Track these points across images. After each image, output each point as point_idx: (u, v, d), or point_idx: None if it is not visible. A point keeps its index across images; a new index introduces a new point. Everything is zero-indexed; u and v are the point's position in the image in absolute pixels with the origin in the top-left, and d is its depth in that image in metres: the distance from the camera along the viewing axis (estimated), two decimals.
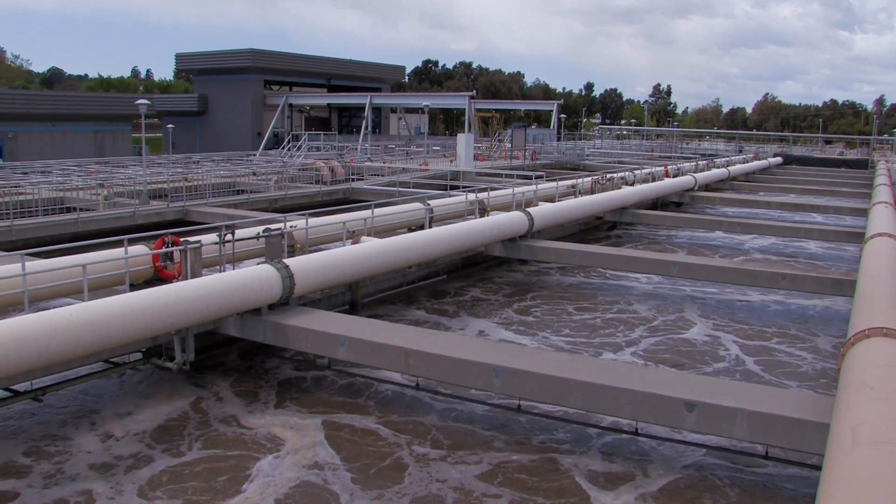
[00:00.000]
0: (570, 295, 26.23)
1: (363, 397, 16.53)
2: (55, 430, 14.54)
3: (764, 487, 13.04)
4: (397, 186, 42.43)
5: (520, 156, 68.95)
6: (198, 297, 15.41)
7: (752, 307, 25.47)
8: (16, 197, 30.32)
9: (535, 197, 33.33)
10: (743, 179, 65.13)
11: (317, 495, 12.37)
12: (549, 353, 17.62)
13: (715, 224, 38.85)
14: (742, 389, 13.59)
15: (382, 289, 24.02)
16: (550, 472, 13.33)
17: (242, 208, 36.24)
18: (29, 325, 12.88)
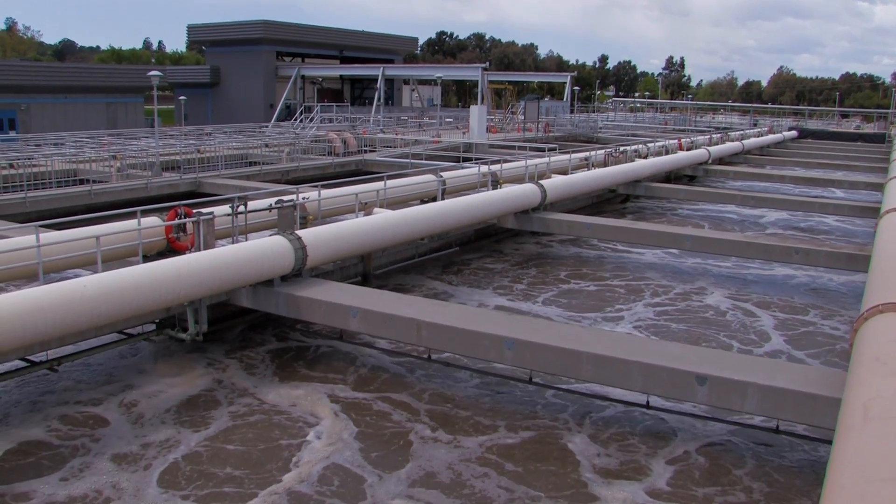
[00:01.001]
0: (582, 268, 26.19)
1: (375, 369, 16.60)
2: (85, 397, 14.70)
3: (774, 461, 13.05)
4: (410, 158, 42.31)
5: (533, 128, 68.66)
6: (210, 269, 15.46)
7: (765, 281, 25.38)
8: (29, 169, 30.39)
9: (547, 169, 33.18)
10: (757, 153, 64.67)
11: (331, 465, 12.47)
12: (561, 325, 17.63)
13: (728, 198, 38.62)
14: (753, 364, 13.57)
15: (395, 260, 24.06)
16: (560, 444, 13.38)
17: (255, 180, 36.26)
18: (44, 296, 12.97)
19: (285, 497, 11.51)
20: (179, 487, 11.70)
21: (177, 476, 12.03)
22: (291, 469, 12.33)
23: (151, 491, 11.56)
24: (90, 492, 11.50)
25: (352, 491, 11.70)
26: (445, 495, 11.63)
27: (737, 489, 12.14)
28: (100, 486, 11.63)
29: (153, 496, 11.43)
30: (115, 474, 12.00)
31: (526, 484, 12.03)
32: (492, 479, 12.13)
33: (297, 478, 12.06)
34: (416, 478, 12.12)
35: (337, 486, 11.82)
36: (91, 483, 11.73)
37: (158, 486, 11.70)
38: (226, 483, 11.86)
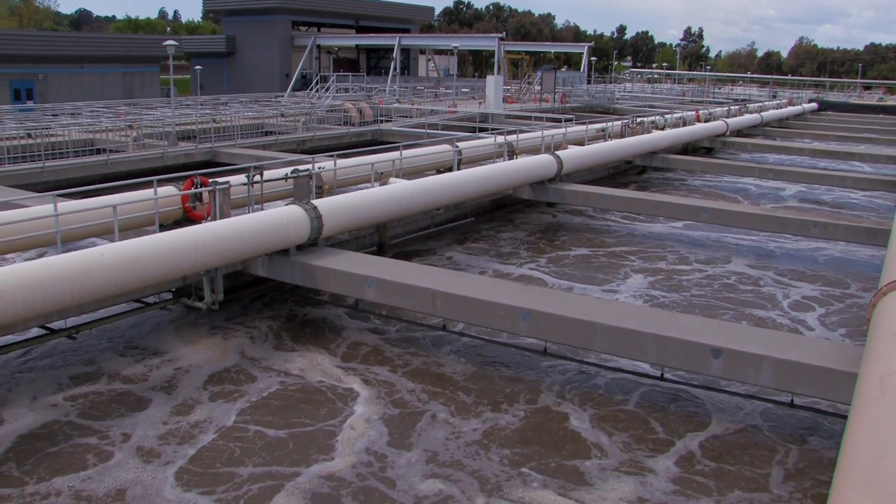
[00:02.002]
0: (597, 239, 26.13)
1: (390, 338, 16.66)
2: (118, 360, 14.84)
3: (788, 435, 13.04)
4: (426, 128, 42.19)
5: (549, 98, 68.25)
6: (226, 238, 15.51)
7: (782, 254, 25.25)
8: (47, 139, 30.47)
9: (564, 140, 32.98)
10: (776, 125, 64.05)
11: (344, 436, 12.56)
12: (577, 296, 17.61)
13: (746, 170, 38.32)
14: (769, 337, 13.52)
15: (410, 230, 24.07)
16: (575, 415, 13.42)
17: (271, 149, 36.24)
18: (62, 264, 13.07)
19: (315, 465, 11.63)
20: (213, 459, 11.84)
21: (210, 449, 12.18)
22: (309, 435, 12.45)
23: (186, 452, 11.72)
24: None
25: (374, 461, 11.78)
26: (464, 466, 11.70)
27: (750, 462, 12.15)
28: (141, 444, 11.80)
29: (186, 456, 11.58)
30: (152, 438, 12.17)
31: (537, 455, 12.10)
32: (501, 451, 12.19)
33: (323, 447, 12.17)
34: (433, 449, 12.20)
35: (358, 454, 11.92)
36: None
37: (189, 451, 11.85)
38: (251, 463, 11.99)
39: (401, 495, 10.86)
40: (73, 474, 11.18)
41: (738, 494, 11.22)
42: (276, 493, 10.81)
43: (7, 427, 12.43)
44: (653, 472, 11.70)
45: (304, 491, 10.91)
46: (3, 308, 12.13)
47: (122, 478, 11.09)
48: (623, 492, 11.12)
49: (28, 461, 11.45)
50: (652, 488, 11.27)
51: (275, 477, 11.23)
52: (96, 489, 10.80)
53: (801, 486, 11.54)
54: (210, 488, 10.91)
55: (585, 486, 11.25)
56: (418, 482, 11.18)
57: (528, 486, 11.15)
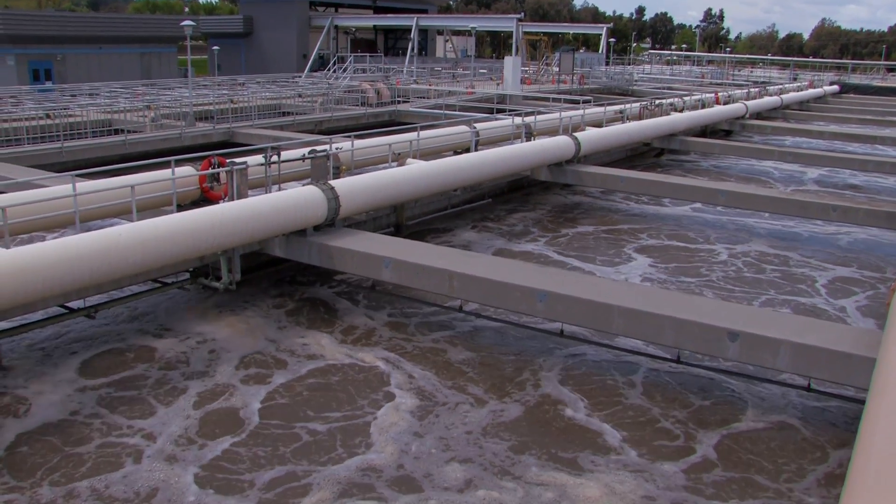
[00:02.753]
0: (615, 221, 26.04)
1: (407, 319, 16.68)
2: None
3: (804, 419, 12.99)
4: (443, 109, 42.07)
5: (567, 80, 67.86)
6: (244, 218, 15.55)
7: (801, 238, 25.09)
8: (65, 119, 30.60)
9: (582, 122, 32.81)
10: (796, 108, 63.47)
11: (357, 415, 12.63)
12: (594, 278, 17.57)
13: (765, 153, 38.01)
14: (786, 321, 13.45)
15: (427, 211, 24.06)
16: (590, 397, 13.42)
17: (288, 130, 36.27)
18: (81, 244, 13.14)
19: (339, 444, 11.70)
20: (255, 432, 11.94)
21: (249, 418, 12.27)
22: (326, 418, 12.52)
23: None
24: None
25: (393, 437, 11.84)
26: (482, 448, 11.74)
27: (766, 446, 12.12)
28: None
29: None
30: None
31: (548, 437, 12.13)
32: (511, 435, 12.22)
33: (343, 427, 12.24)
34: (452, 431, 12.25)
35: (377, 430, 11.98)
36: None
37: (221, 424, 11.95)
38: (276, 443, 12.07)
39: (428, 476, 10.92)
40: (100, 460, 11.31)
41: (754, 477, 11.20)
42: (302, 478, 10.90)
43: (38, 404, 12.57)
44: (666, 457, 11.70)
45: (336, 475, 10.98)
46: (23, 287, 12.24)
47: (147, 477, 11.22)
48: (636, 475, 11.13)
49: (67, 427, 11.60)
50: (663, 471, 11.27)
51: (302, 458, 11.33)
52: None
53: (818, 468, 11.50)
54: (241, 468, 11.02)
55: (602, 467, 11.27)
56: (442, 465, 11.23)
57: (540, 468, 11.18)
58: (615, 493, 10.60)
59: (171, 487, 10.46)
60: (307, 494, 10.42)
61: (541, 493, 10.56)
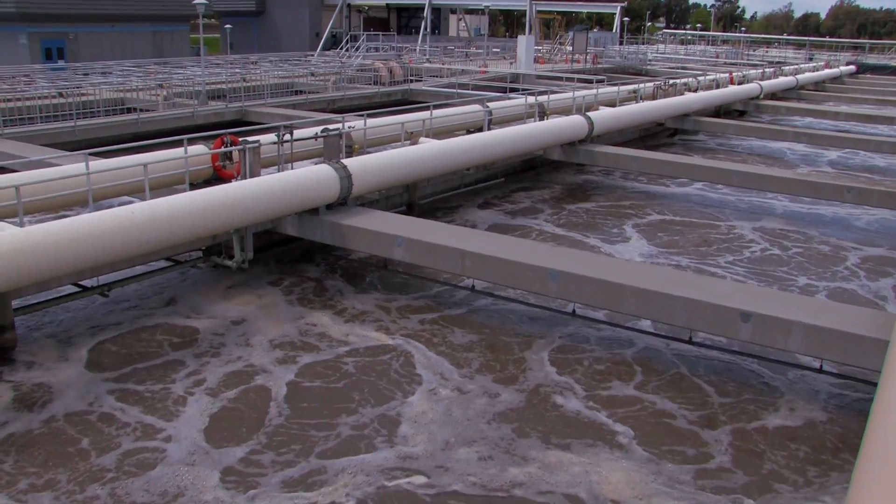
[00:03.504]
0: (627, 201, 25.94)
1: (419, 298, 16.69)
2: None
3: (816, 401, 12.97)
4: (456, 88, 41.95)
5: (581, 59, 67.55)
6: (256, 197, 15.58)
7: (815, 219, 24.94)
8: (78, 98, 30.65)
9: (595, 101, 32.69)
10: (812, 88, 62.91)
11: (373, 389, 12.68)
12: (606, 258, 17.52)
13: (780, 134, 37.70)
14: (799, 302, 13.41)
15: (440, 190, 24.05)
16: (603, 377, 13.43)
17: (300, 109, 36.18)
18: (94, 223, 13.21)
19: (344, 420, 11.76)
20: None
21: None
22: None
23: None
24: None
25: (410, 417, 11.90)
26: (496, 428, 11.78)
27: (776, 427, 12.11)
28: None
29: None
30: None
31: (563, 414, 12.16)
32: (522, 415, 12.26)
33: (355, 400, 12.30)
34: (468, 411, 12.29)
35: (384, 408, 12.04)
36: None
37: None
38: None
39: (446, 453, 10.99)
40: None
41: (765, 456, 11.20)
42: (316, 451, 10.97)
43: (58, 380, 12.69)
44: (679, 437, 11.71)
45: (360, 458, 11.05)
46: (37, 265, 12.31)
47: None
48: (648, 457, 11.16)
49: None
50: (674, 453, 11.28)
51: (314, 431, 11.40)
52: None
53: (828, 450, 11.48)
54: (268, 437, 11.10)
55: (618, 446, 11.30)
56: (457, 444, 11.28)
57: (552, 446, 11.23)
58: (630, 476, 10.64)
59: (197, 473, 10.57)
60: (332, 478, 10.49)
61: (551, 471, 10.60)
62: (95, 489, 9.93)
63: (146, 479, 10.16)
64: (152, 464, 10.52)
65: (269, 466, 10.57)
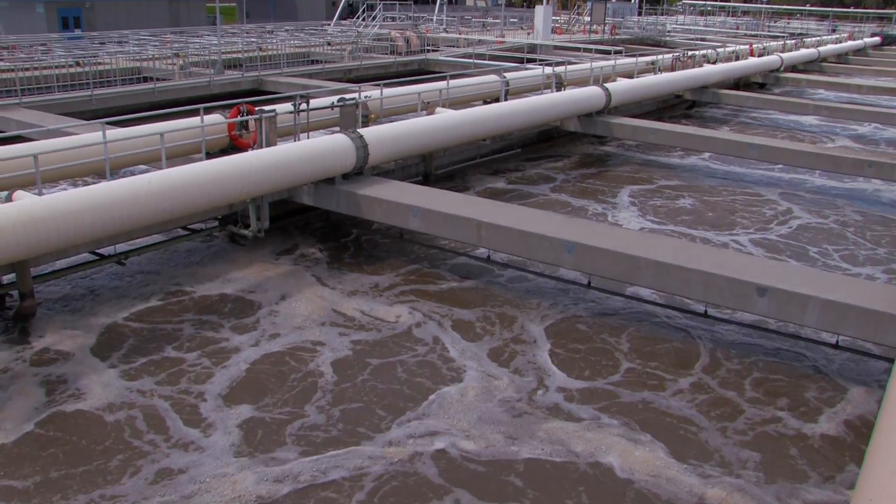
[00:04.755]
0: (644, 173, 25.79)
1: (436, 268, 16.68)
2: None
3: (832, 376, 12.92)
4: (473, 58, 41.71)
5: (599, 30, 66.96)
6: (272, 166, 15.59)
7: (833, 193, 24.71)
8: (95, 67, 30.64)
9: (613, 72, 32.45)
10: (834, 61, 62.10)
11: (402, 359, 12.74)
12: (623, 230, 17.46)
13: (800, 107, 37.30)
14: (816, 277, 13.32)
15: (456, 161, 24.00)
16: (618, 349, 13.42)
17: (317, 78, 36.10)
18: (111, 191, 13.28)
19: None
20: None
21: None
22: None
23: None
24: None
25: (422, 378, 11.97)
26: (516, 397, 11.83)
27: (790, 402, 12.09)
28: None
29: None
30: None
31: (585, 384, 12.18)
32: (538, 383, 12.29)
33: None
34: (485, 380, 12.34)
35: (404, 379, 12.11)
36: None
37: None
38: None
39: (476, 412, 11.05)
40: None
41: (780, 434, 11.19)
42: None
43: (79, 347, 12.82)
44: (691, 415, 11.72)
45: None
46: (55, 233, 12.41)
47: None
48: (660, 428, 11.18)
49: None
50: (688, 428, 11.29)
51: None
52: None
53: (843, 424, 11.46)
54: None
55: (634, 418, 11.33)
56: (484, 411, 11.34)
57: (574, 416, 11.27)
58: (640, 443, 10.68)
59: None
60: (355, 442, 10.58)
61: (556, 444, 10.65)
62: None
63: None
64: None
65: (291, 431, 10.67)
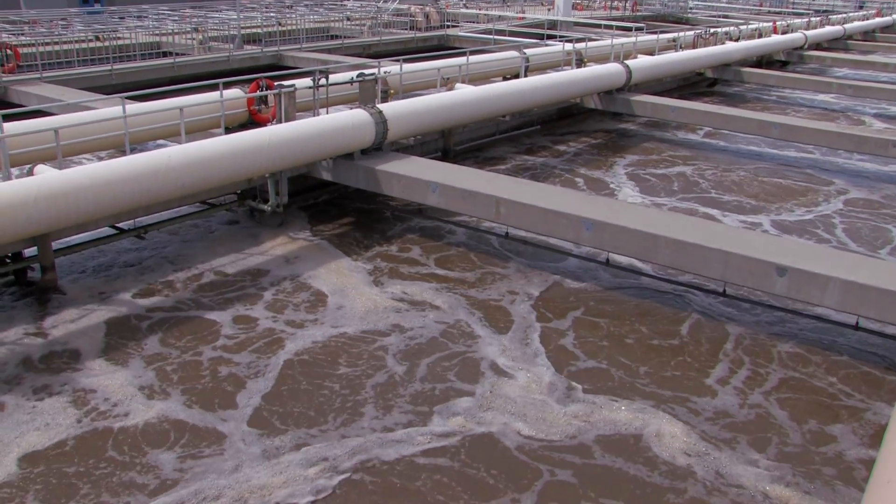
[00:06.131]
0: (664, 150, 25.60)
1: (455, 244, 16.67)
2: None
3: (851, 357, 12.83)
4: (493, 34, 41.48)
5: (620, 6, 66.34)
6: (291, 141, 15.60)
7: (857, 173, 24.44)
8: (114, 42, 30.68)
9: (634, 49, 32.15)
10: (860, 38, 61.13)
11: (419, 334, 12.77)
12: (641, 208, 17.34)
13: (824, 85, 36.81)
14: (836, 257, 13.21)
15: (475, 137, 23.94)
16: (636, 324, 13.39)
17: (336, 54, 36.03)
18: (131, 166, 13.35)
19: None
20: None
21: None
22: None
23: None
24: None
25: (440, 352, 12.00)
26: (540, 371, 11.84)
27: (811, 382, 12.03)
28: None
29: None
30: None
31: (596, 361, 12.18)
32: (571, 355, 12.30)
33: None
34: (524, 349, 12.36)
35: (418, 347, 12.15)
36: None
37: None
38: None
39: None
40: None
41: (801, 414, 11.15)
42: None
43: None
44: (710, 392, 11.69)
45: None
46: (76, 207, 12.51)
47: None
48: (678, 412, 11.16)
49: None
50: (708, 408, 11.27)
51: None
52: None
53: (863, 404, 11.40)
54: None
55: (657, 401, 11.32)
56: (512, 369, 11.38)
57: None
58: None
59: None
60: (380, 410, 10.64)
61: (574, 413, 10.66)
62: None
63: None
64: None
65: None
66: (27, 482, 9.06)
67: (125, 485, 9.10)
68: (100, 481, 9.14)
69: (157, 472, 9.31)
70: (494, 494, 9.14)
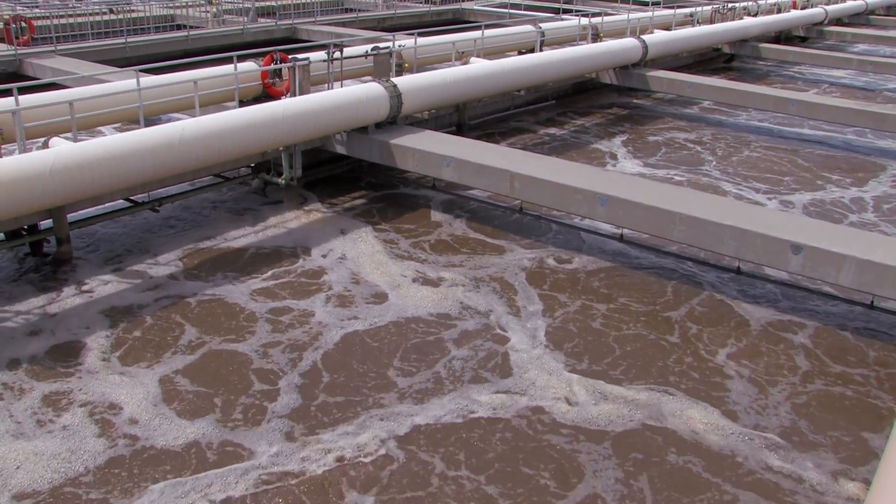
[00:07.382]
0: (680, 127, 25.42)
1: (469, 219, 16.64)
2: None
3: (866, 336, 12.78)
4: (508, 8, 41.22)
5: None
6: (306, 114, 15.58)
7: (876, 151, 24.21)
8: (128, 14, 30.66)
9: (650, 24, 31.88)
10: (883, 13, 60.09)
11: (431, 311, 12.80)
12: (656, 184, 17.24)
13: (843, 62, 36.26)
14: (853, 236, 13.13)
15: (490, 111, 23.86)
16: (649, 302, 13.37)
17: (351, 27, 35.93)
18: (145, 138, 13.37)
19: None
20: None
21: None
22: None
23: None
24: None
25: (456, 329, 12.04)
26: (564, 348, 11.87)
27: (824, 360, 12.00)
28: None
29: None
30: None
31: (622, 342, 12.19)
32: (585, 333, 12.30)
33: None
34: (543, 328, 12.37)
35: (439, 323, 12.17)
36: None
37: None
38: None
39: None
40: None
41: (815, 390, 11.13)
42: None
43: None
44: (724, 372, 11.68)
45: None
46: (90, 180, 12.56)
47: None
48: (695, 383, 11.17)
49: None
50: (727, 385, 11.27)
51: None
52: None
53: (876, 383, 11.37)
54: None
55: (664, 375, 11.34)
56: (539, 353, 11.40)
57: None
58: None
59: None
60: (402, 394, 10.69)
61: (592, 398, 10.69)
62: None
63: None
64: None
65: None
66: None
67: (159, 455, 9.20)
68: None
69: (196, 445, 9.41)
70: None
